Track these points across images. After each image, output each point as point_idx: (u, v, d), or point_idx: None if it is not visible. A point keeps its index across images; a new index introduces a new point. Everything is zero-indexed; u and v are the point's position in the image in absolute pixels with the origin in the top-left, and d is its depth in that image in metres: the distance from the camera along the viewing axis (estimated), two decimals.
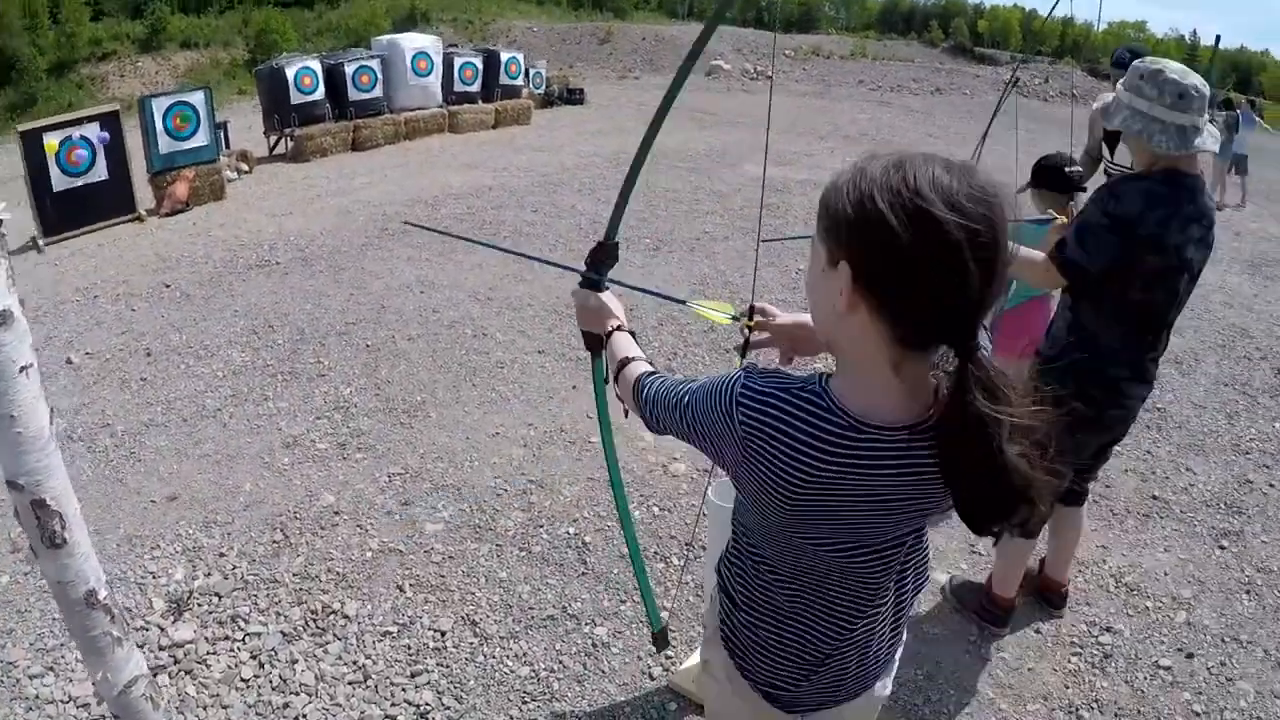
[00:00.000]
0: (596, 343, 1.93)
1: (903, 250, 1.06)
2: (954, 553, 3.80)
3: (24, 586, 3.56)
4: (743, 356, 1.74)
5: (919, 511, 1.32)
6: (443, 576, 3.67)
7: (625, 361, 1.71)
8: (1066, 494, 3.11)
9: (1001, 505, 1.16)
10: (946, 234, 1.04)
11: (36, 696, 3.00)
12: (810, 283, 1.28)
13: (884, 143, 15.52)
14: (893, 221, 1.06)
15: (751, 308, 1.82)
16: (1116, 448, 4.02)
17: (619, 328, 1.82)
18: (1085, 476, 3.12)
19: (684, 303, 2.07)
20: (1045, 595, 3.44)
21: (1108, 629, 3.40)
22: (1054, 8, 3.49)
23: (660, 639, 2.66)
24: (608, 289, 1.96)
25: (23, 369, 1.96)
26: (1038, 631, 3.37)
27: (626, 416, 1.72)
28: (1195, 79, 2.49)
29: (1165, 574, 3.76)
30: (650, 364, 1.68)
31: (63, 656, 3.18)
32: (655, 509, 4.18)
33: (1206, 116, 2.52)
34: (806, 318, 1.66)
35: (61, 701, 2.99)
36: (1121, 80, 2.68)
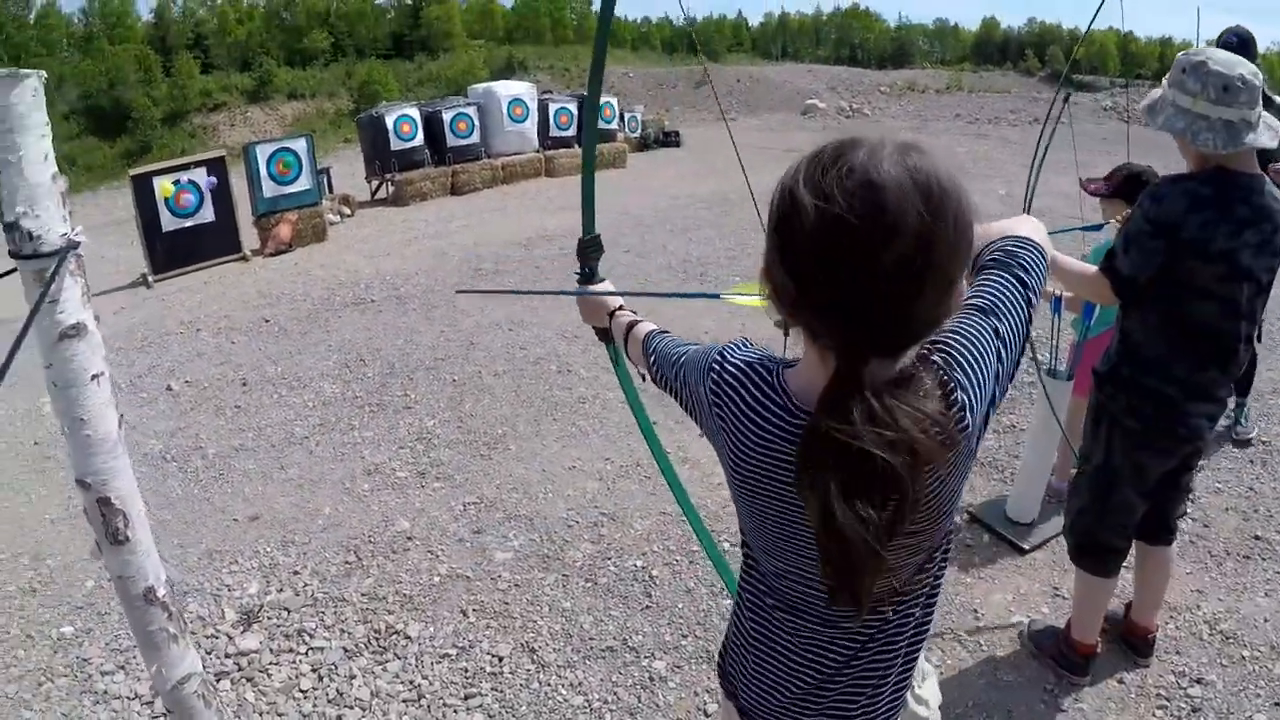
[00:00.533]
0: (605, 334, 2.00)
1: (774, 253, 1.07)
2: (1036, 595, 3.62)
3: (106, 592, 3.73)
4: (786, 331, 1.69)
5: None
6: (506, 603, 3.68)
7: (632, 324, 1.76)
8: (1154, 532, 2.95)
9: (836, 558, 1.04)
10: (802, 219, 0.99)
11: (105, 691, 3.16)
12: None
13: (980, 176, 15.22)
14: (773, 205, 1.07)
15: None
16: (1218, 484, 3.80)
17: (620, 308, 1.90)
18: (1169, 510, 2.92)
19: (717, 296, 2.09)
20: (1130, 642, 3.22)
21: (1198, 680, 3.16)
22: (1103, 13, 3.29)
23: None
24: (603, 279, 2.03)
25: (94, 377, 2.05)
26: (1120, 681, 3.16)
27: (644, 380, 1.73)
28: (1245, 68, 2.26)
29: (1265, 620, 3.48)
30: (660, 327, 1.71)
31: (134, 657, 3.32)
32: (727, 544, 4.12)
33: (1258, 110, 2.29)
34: None
35: (128, 698, 3.14)
36: (1166, 75, 2.48)
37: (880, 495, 0.99)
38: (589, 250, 2.05)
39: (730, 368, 1.25)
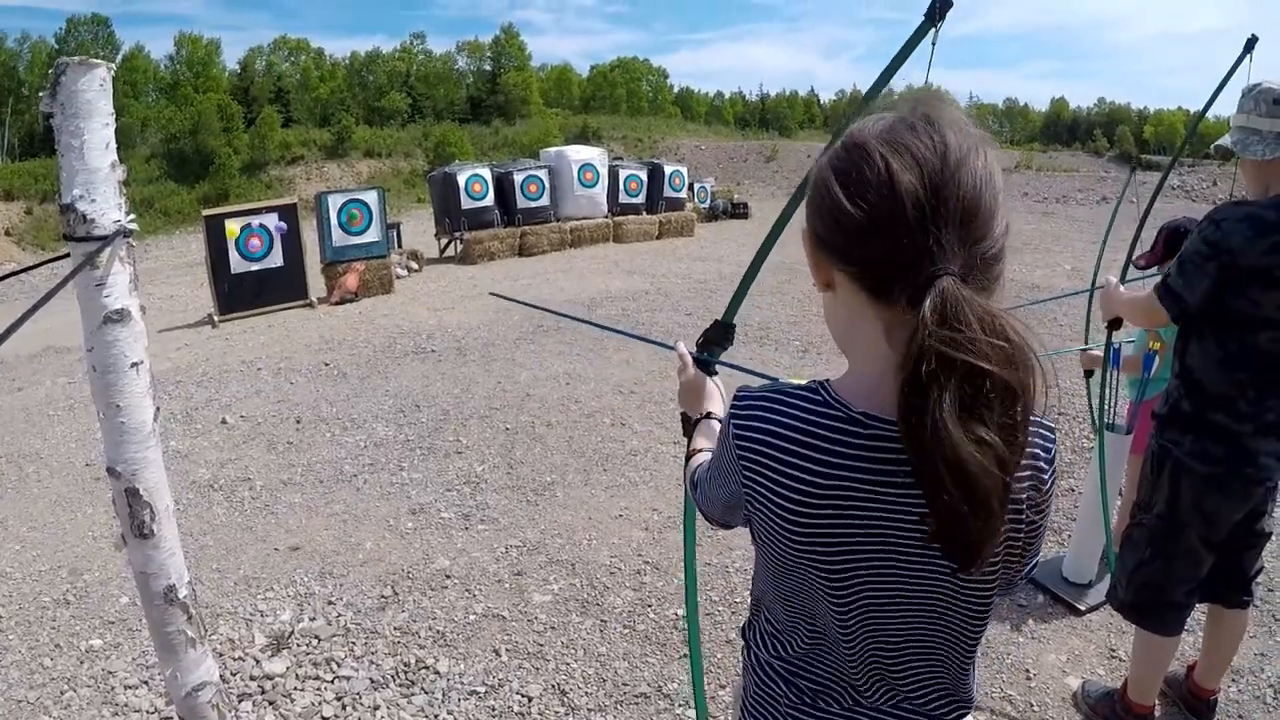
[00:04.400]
0: (687, 425, 1.77)
1: (836, 196, 0.98)
2: (1091, 657, 3.42)
3: (139, 610, 3.69)
4: None
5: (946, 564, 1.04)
6: (541, 645, 3.58)
7: (697, 450, 1.58)
8: (1230, 591, 2.78)
9: (950, 501, 0.89)
10: (873, 166, 0.96)
11: (126, 704, 3.14)
12: None
13: (1046, 251, 15.02)
14: (827, 174, 1.01)
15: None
16: None
17: (710, 415, 1.69)
18: (1244, 565, 2.75)
19: (775, 380, 1.97)
20: (1191, 705, 3.01)
21: None
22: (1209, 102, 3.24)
23: None
24: (716, 373, 1.84)
25: (134, 365, 2.05)
26: None
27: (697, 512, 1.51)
28: None
29: None
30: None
31: (159, 674, 3.26)
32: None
33: None
34: None
35: (148, 712, 3.13)
36: None
37: (997, 413, 0.89)
38: (721, 335, 1.91)
39: (751, 405, 1.12)
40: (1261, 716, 3.10)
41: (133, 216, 2.06)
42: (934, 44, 1.54)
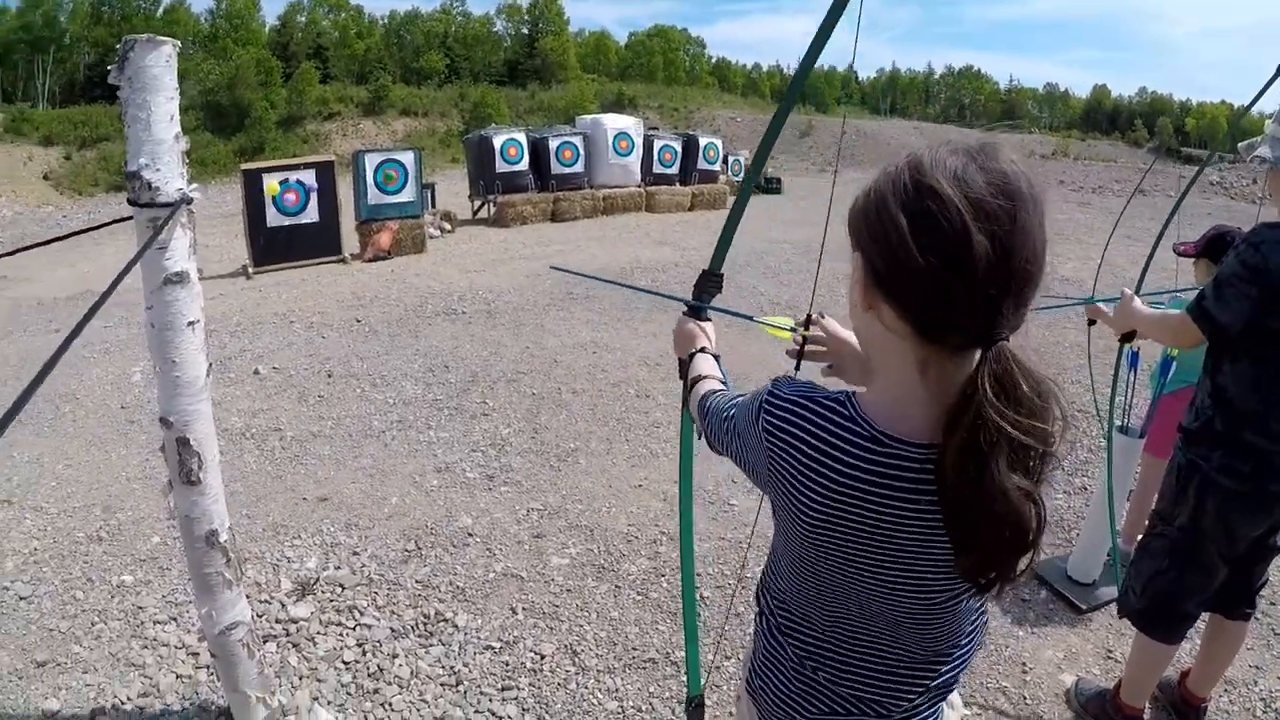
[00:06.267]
0: (684, 368, 1.89)
1: (905, 240, 1.00)
2: (1088, 655, 3.50)
3: (170, 549, 3.94)
4: (798, 366, 1.69)
5: (946, 561, 1.14)
6: (556, 606, 3.72)
7: (699, 379, 1.69)
8: (1234, 602, 2.82)
9: (991, 541, 1.01)
10: (949, 219, 0.97)
11: (154, 638, 3.32)
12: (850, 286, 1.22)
13: (1078, 242, 14.89)
14: (895, 212, 1.02)
15: (809, 317, 1.76)
16: None
17: (703, 349, 1.82)
18: (1252, 578, 2.79)
19: (750, 318, 2.07)
20: (1181, 711, 3.08)
21: None
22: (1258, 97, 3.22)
23: (695, 709, 2.34)
24: (709, 319, 1.96)
25: (190, 323, 2.18)
26: None
27: (699, 438, 1.65)
28: None
29: None
30: (724, 384, 1.66)
31: (188, 610, 3.49)
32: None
33: None
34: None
35: (175, 647, 3.30)
36: None
37: (1032, 463, 0.99)
38: (708, 284, 2.01)
39: (786, 405, 1.19)
40: None
41: (195, 186, 2.18)
42: (860, 6, 1.59)
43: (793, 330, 1.82)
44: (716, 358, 1.80)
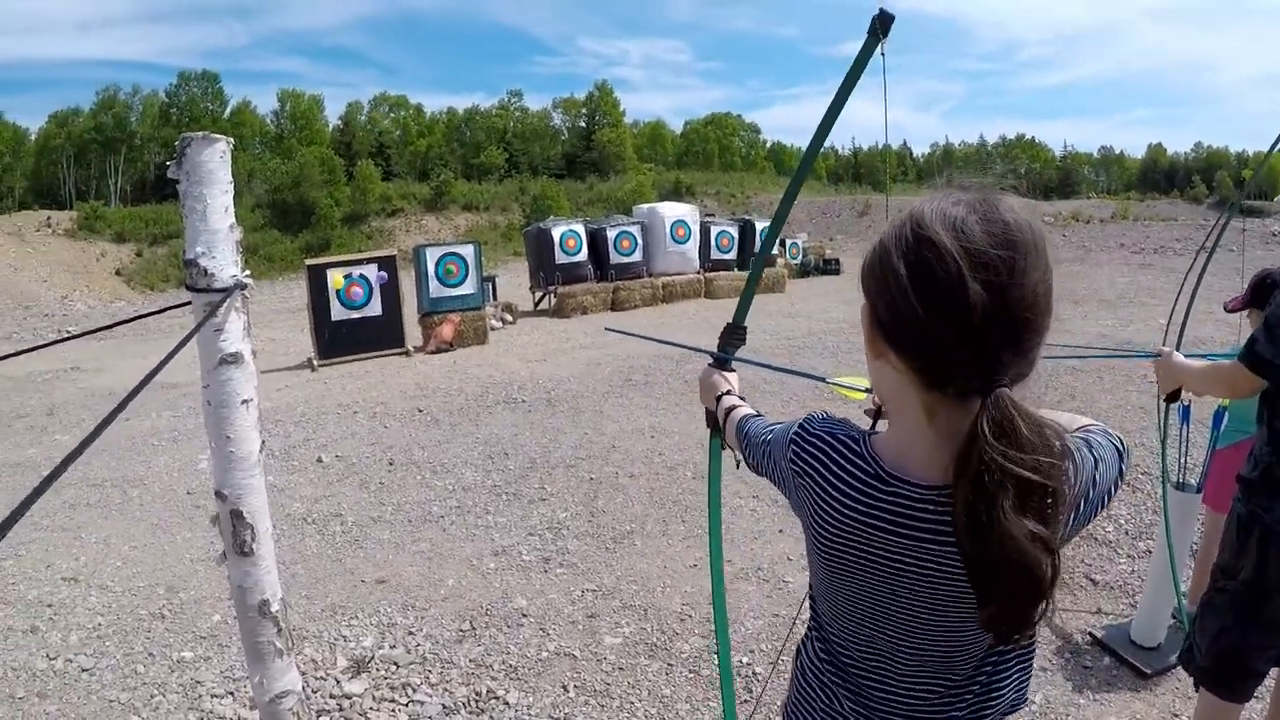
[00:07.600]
0: (713, 418, 1.98)
1: (905, 289, 1.04)
2: None
3: (231, 627, 4.03)
4: (874, 425, 1.73)
5: (955, 601, 1.16)
6: (608, 684, 3.71)
7: (732, 408, 1.78)
8: None
9: (1006, 588, 1.01)
10: (946, 269, 1.01)
11: (211, 711, 3.41)
12: None
13: (1141, 305, 14.60)
14: (896, 263, 1.06)
15: None
16: None
17: (728, 392, 1.90)
18: None
19: (824, 379, 2.12)
20: None
21: None
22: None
23: None
24: (734, 370, 2.03)
25: (244, 401, 2.30)
26: None
27: (738, 466, 1.75)
28: None
29: None
30: (757, 411, 1.74)
31: (244, 686, 3.57)
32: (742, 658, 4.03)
33: None
34: None
35: (230, 719, 3.30)
36: None
37: (1044, 506, 1.00)
38: (733, 336, 2.08)
39: (811, 438, 1.26)
40: None
41: (248, 272, 2.33)
42: (884, 55, 1.63)
43: (867, 391, 1.86)
44: (742, 399, 1.88)
